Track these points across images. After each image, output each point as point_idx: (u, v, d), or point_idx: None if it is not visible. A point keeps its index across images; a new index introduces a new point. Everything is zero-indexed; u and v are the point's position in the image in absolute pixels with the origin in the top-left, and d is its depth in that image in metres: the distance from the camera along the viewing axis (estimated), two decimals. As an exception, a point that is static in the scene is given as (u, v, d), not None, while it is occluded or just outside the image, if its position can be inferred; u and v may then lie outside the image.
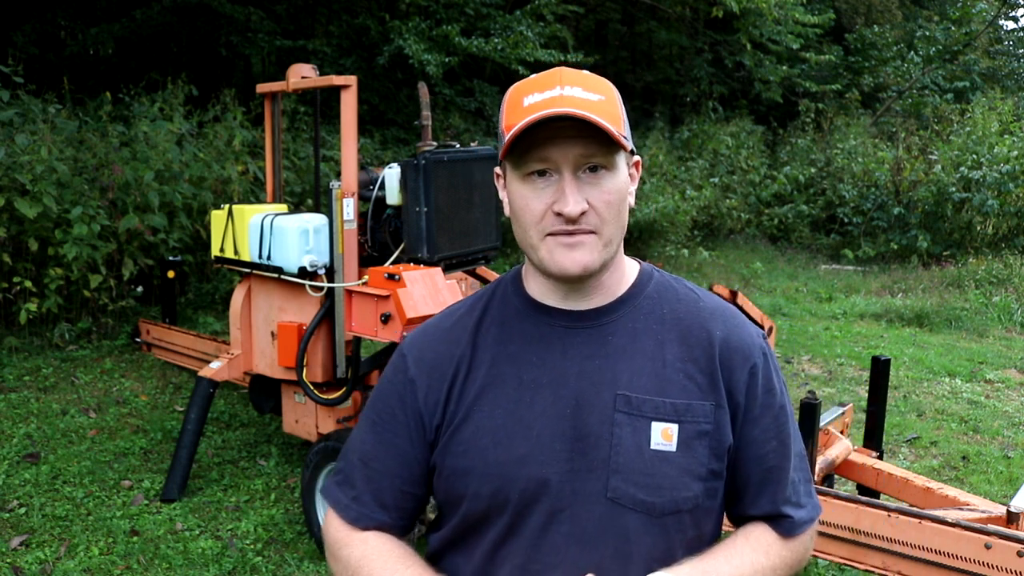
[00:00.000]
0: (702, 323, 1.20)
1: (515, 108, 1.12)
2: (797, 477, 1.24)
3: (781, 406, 1.22)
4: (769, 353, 1.23)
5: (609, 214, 1.12)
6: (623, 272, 1.22)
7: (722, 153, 12.99)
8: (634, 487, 1.12)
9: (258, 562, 3.59)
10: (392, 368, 1.26)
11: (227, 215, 4.02)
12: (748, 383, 1.18)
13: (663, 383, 1.15)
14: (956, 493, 3.06)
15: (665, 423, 1.13)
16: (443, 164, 3.67)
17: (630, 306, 1.20)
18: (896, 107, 15.30)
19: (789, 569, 1.22)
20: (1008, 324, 8.06)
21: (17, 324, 5.62)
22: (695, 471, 1.14)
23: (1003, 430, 5.28)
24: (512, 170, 1.14)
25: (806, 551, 1.26)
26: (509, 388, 1.17)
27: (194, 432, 4.10)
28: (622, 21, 16.04)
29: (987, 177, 10.58)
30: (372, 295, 3.46)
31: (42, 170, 5.52)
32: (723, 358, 1.17)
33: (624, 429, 1.13)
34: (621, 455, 1.12)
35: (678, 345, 1.18)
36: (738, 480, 1.21)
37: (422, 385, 1.20)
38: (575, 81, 1.12)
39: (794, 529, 1.23)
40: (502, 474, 1.13)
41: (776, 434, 1.21)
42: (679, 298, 1.23)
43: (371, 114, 10.32)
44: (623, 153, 1.13)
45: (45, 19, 9.85)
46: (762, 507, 1.22)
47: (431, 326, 1.27)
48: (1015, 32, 20.33)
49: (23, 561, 3.51)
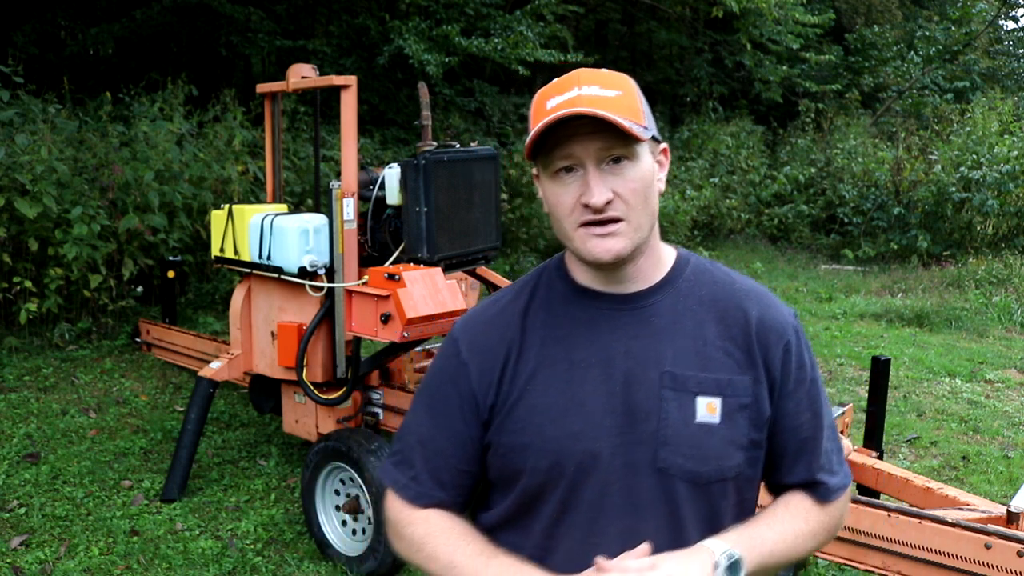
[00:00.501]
0: (738, 303, 1.27)
1: (540, 112, 1.19)
2: (830, 447, 1.32)
3: (813, 380, 1.30)
4: (800, 331, 1.31)
5: (635, 200, 1.18)
6: (660, 257, 1.30)
7: (722, 153, 12.99)
8: (682, 458, 1.19)
9: (258, 562, 3.59)
10: (444, 353, 1.33)
11: (227, 215, 4.02)
12: (783, 359, 1.26)
13: (705, 360, 1.23)
14: (956, 493, 3.06)
15: (709, 397, 1.21)
16: (443, 164, 3.66)
17: (671, 289, 1.27)
18: (896, 107, 15.30)
19: (827, 533, 1.31)
20: (1008, 324, 8.06)
21: (17, 324, 5.62)
22: (738, 441, 1.22)
23: (1003, 430, 5.28)
24: (542, 169, 1.23)
25: (841, 516, 1.34)
26: (560, 368, 1.24)
27: (194, 432, 4.10)
28: (622, 21, 16.04)
29: (987, 177, 10.58)
30: (372, 295, 3.46)
31: (42, 170, 5.52)
32: (759, 336, 1.25)
33: (671, 404, 1.20)
34: (669, 428, 1.20)
35: (716, 324, 1.25)
36: (775, 450, 1.29)
37: (475, 368, 1.27)
38: (592, 80, 1.19)
39: (829, 495, 1.30)
40: (558, 449, 1.20)
41: (809, 406, 1.29)
42: (715, 280, 1.30)
43: (371, 114, 10.31)
44: (645, 143, 1.20)
45: (45, 19, 9.85)
46: (798, 475, 1.30)
47: (480, 312, 1.35)
48: (1015, 32, 20.34)
49: (23, 561, 3.51)
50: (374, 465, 3.40)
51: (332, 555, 3.61)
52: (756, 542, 1.20)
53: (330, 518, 3.67)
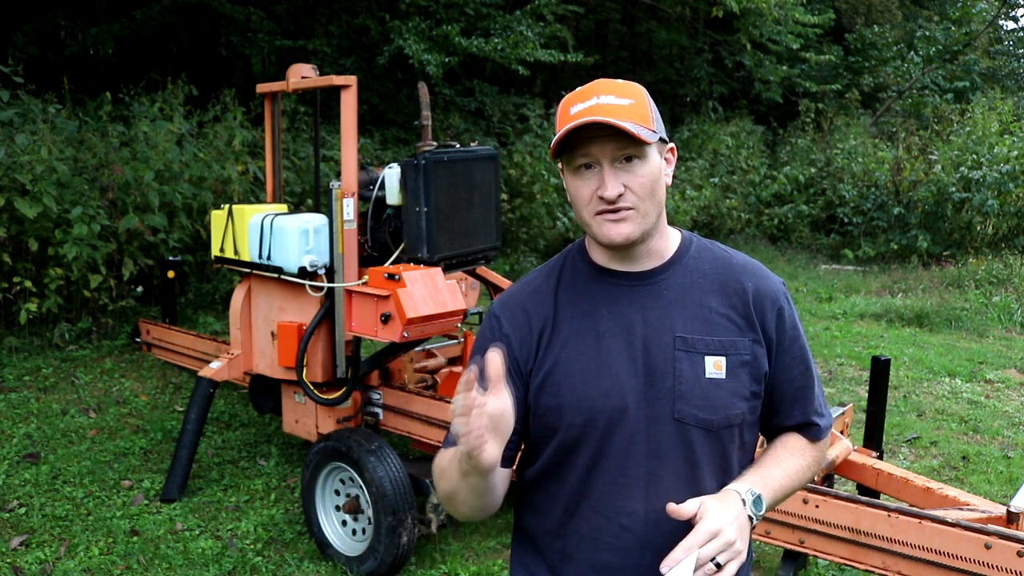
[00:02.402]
0: (736, 277, 1.49)
1: (564, 116, 1.41)
2: (818, 392, 1.56)
3: (803, 338, 1.53)
4: (789, 297, 1.53)
5: (643, 193, 1.39)
6: (668, 239, 1.50)
7: (722, 153, 12.99)
8: (695, 408, 1.41)
9: (258, 562, 3.59)
10: (487, 327, 1.52)
11: (227, 215, 4.02)
12: (777, 323, 1.48)
13: (710, 325, 1.44)
14: (956, 493, 3.06)
15: (715, 356, 1.42)
16: (443, 164, 3.66)
17: (679, 266, 1.49)
18: (896, 107, 15.30)
19: (818, 466, 1.57)
20: (1008, 324, 8.06)
21: (17, 324, 5.62)
22: (741, 393, 1.43)
23: (1003, 430, 5.28)
24: (566, 166, 1.43)
25: (827, 450, 1.65)
26: (589, 338, 1.44)
27: (194, 432, 4.10)
28: (622, 21, 16.04)
29: (987, 177, 10.57)
30: (372, 295, 3.46)
31: (42, 170, 5.52)
32: (756, 304, 1.47)
33: (683, 364, 1.41)
34: (683, 384, 1.41)
35: (718, 295, 1.47)
36: (774, 398, 1.51)
37: (515, 339, 1.47)
38: (609, 90, 1.40)
39: (821, 434, 1.55)
40: (592, 407, 1.41)
41: (801, 359, 1.51)
42: (716, 257, 1.52)
43: (371, 114, 10.31)
44: (654, 144, 1.40)
45: (45, 19, 9.85)
46: (795, 418, 1.53)
47: (515, 292, 1.55)
48: (1015, 32, 20.33)
49: (23, 561, 3.51)
50: (374, 465, 3.40)
51: (332, 555, 3.61)
52: (769, 480, 1.43)
53: (330, 518, 3.67)
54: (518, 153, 9.53)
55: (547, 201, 9.31)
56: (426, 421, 3.77)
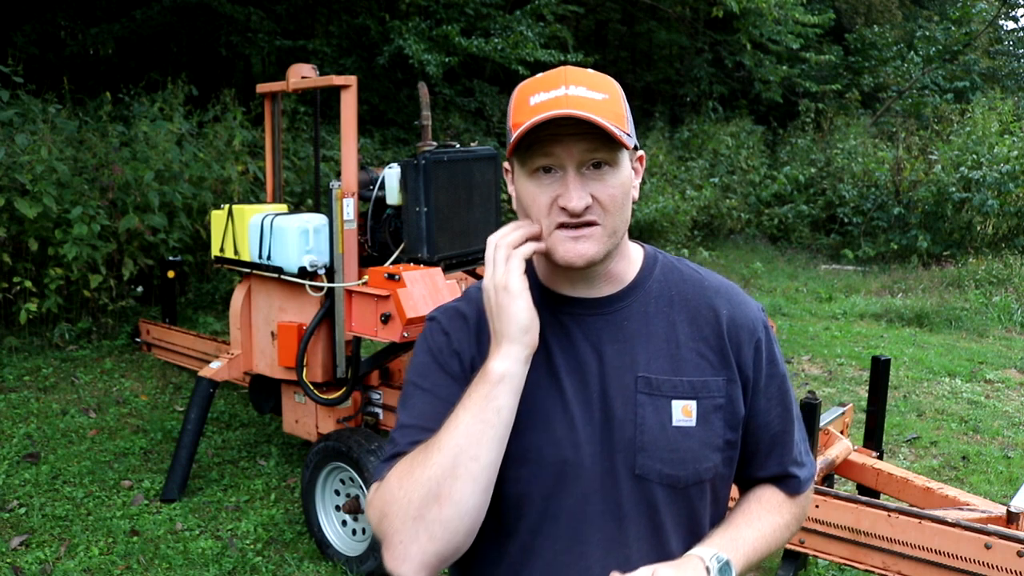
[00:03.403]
0: (708, 302, 1.27)
1: (522, 107, 1.17)
2: (799, 438, 1.35)
3: (783, 375, 1.31)
4: (769, 326, 1.31)
5: (613, 207, 1.17)
6: (629, 259, 1.28)
7: (722, 153, 13.00)
8: (660, 463, 1.19)
9: (258, 562, 3.59)
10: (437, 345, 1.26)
11: (227, 215, 4.02)
12: (754, 357, 1.26)
13: (678, 363, 1.22)
14: (956, 493, 3.06)
15: (684, 400, 1.21)
16: (443, 164, 3.66)
17: (641, 291, 1.26)
18: (896, 107, 15.30)
19: (797, 523, 1.34)
20: (1008, 324, 8.06)
21: (17, 324, 5.62)
22: (713, 443, 1.22)
23: (1003, 430, 5.28)
24: (519, 166, 1.19)
25: (808, 504, 1.38)
26: (542, 374, 1.21)
27: (194, 432, 4.10)
28: (622, 21, 16.04)
29: (987, 177, 10.58)
30: (372, 295, 3.46)
31: (42, 170, 5.52)
32: (731, 335, 1.25)
33: (647, 409, 1.20)
34: (646, 434, 1.19)
35: (688, 325, 1.25)
36: (748, 446, 1.29)
37: (466, 351, 1.25)
38: (580, 80, 1.16)
39: (800, 487, 1.34)
40: (539, 458, 1.18)
41: (780, 401, 1.30)
42: (684, 279, 1.29)
43: (371, 114, 10.32)
44: (626, 150, 1.18)
45: (45, 19, 9.85)
46: (771, 469, 1.32)
47: (460, 308, 1.29)
48: (1015, 32, 20.34)
49: (23, 561, 3.51)
50: (374, 465, 3.40)
51: (332, 555, 3.61)
52: (740, 543, 1.22)
53: (330, 518, 3.67)
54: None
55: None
56: (426, 421, 3.77)
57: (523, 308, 1.13)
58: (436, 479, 1.09)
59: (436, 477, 1.09)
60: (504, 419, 1.12)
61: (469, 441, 1.09)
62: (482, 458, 1.10)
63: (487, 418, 1.10)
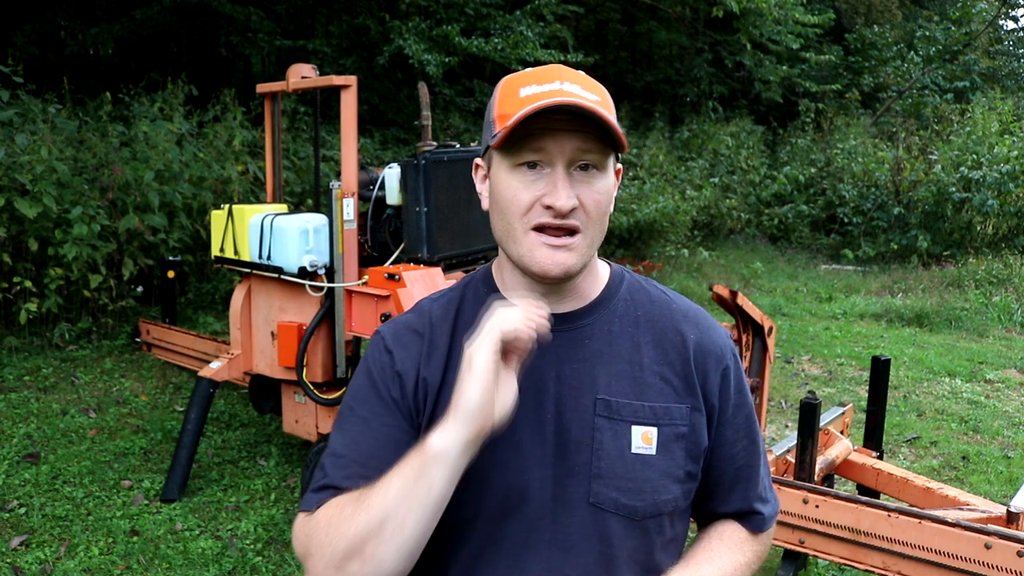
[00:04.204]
0: (675, 326, 1.20)
1: (510, 98, 1.09)
2: (763, 472, 1.28)
3: (750, 406, 1.25)
4: (737, 355, 1.25)
5: (596, 215, 1.11)
6: (596, 274, 1.21)
7: (722, 153, 13.00)
8: (616, 491, 1.12)
9: (258, 562, 3.59)
10: (377, 365, 1.18)
11: (227, 215, 4.02)
12: (721, 385, 1.19)
13: (641, 386, 1.15)
14: (956, 493, 3.06)
15: (645, 427, 1.13)
16: (443, 164, 3.67)
17: (605, 308, 1.19)
18: (896, 107, 15.30)
19: (759, 562, 1.27)
20: (1008, 324, 8.06)
21: (17, 324, 5.62)
22: (674, 474, 1.15)
23: (1003, 430, 5.28)
24: (502, 159, 1.11)
25: (770, 541, 1.32)
26: None
27: (194, 432, 4.10)
28: (622, 21, 16.04)
29: (987, 177, 10.58)
30: (372, 295, 3.46)
31: (42, 170, 5.52)
32: (697, 361, 1.18)
33: (605, 433, 1.12)
34: (603, 460, 1.12)
35: (653, 348, 1.18)
36: (711, 479, 1.23)
37: (410, 374, 1.15)
38: (574, 79, 1.11)
39: (764, 524, 1.27)
40: (482, 480, 1.10)
41: (747, 433, 1.23)
42: (652, 300, 1.23)
43: (371, 114, 10.32)
44: (612, 155, 1.13)
45: (45, 19, 9.85)
46: (734, 504, 1.25)
47: (409, 321, 1.22)
48: (1015, 32, 20.35)
49: (23, 561, 3.51)
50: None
51: (332, 555, 3.60)
52: None
53: (330, 518, 3.67)
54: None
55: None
56: (426, 421, 3.77)
57: (477, 390, 1.00)
58: (361, 536, 1.02)
59: (361, 535, 1.02)
60: (435, 498, 1.01)
61: (397, 509, 1.01)
62: (408, 528, 1.02)
63: (417, 492, 1.01)
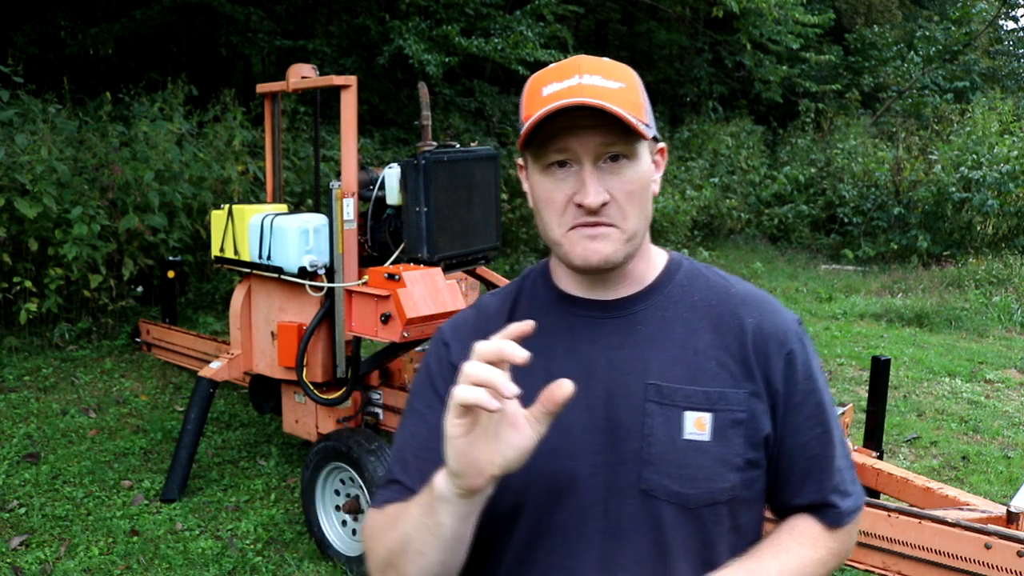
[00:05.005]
0: (733, 310, 1.17)
1: (534, 98, 1.10)
2: (842, 464, 1.22)
3: (820, 391, 1.19)
4: (806, 339, 1.20)
5: (631, 205, 1.10)
6: (650, 261, 1.21)
7: (722, 153, 13.00)
8: (667, 478, 1.09)
9: (258, 562, 3.59)
10: (435, 356, 1.22)
11: (227, 215, 4.02)
12: (785, 370, 1.15)
13: (695, 371, 1.13)
14: (956, 493, 3.06)
15: (698, 412, 1.11)
16: (443, 164, 3.67)
17: (659, 294, 1.18)
18: (896, 107, 15.30)
19: (837, 560, 1.20)
20: (1008, 324, 8.06)
21: (17, 324, 5.62)
22: (731, 461, 1.11)
23: (1003, 430, 5.28)
24: (532, 162, 1.13)
25: (851, 540, 1.24)
26: (539, 380, 1.09)
27: (194, 432, 4.10)
28: (622, 21, 16.04)
29: (987, 177, 10.58)
30: (372, 295, 3.46)
31: (42, 170, 5.52)
32: (757, 345, 1.15)
33: (656, 419, 1.10)
34: (653, 446, 1.10)
35: (710, 333, 1.15)
36: (782, 469, 1.18)
37: None
38: (594, 69, 1.10)
39: (841, 519, 1.20)
40: (531, 467, 1.05)
41: (819, 421, 1.18)
42: (709, 285, 1.20)
43: (371, 114, 10.32)
44: (645, 141, 1.11)
45: (45, 19, 9.85)
46: (807, 496, 1.19)
47: (467, 317, 1.24)
48: (1015, 32, 20.35)
49: (23, 561, 3.51)
50: (374, 465, 3.40)
51: (332, 555, 3.61)
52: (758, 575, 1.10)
53: (330, 518, 3.67)
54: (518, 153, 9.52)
55: (547, 201, 9.31)
56: (426, 421, 3.77)
57: (450, 455, 0.98)
58: (393, 553, 1.09)
59: (393, 552, 1.09)
60: (445, 535, 1.03)
61: (416, 535, 1.05)
62: (428, 556, 1.05)
63: (429, 526, 1.03)
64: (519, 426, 0.99)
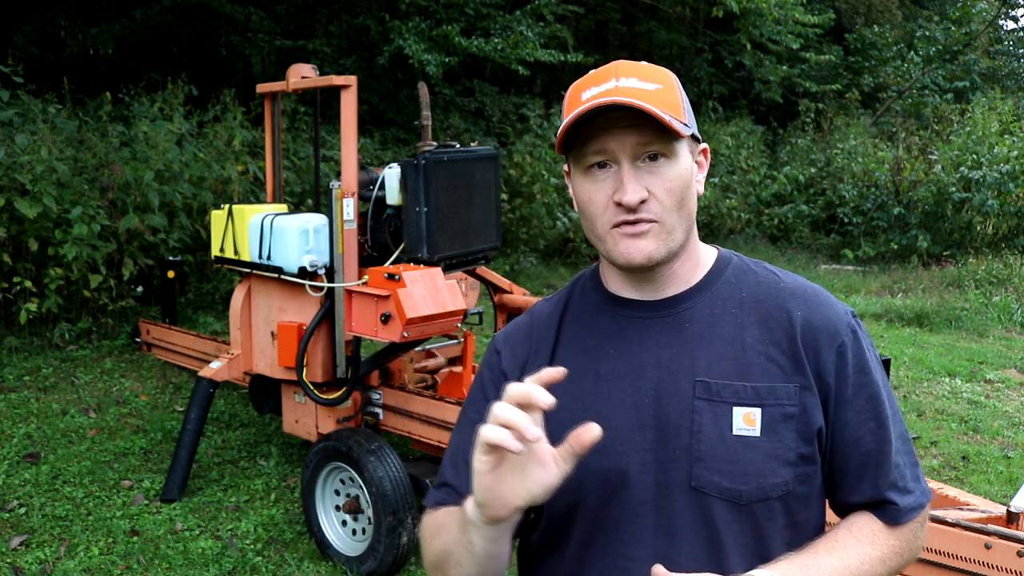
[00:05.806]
0: (781, 304, 1.18)
1: (574, 103, 1.13)
2: (901, 460, 1.19)
3: (876, 385, 1.18)
4: (860, 331, 1.19)
5: (670, 202, 1.12)
6: (698, 260, 1.22)
7: (722, 153, 13.00)
8: (718, 475, 1.10)
9: (258, 562, 3.59)
10: (487, 364, 1.27)
11: (227, 215, 4.02)
12: (837, 363, 1.15)
13: (744, 367, 1.13)
14: (956, 493, 3.06)
15: (747, 407, 1.11)
16: (443, 164, 3.67)
17: (707, 292, 1.19)
18: (896, 107, 15.30)
19: (900, 558, 1.18)
20: (1008, 324, 8.06)
21: (17, 324, 5.62)
22: (782, 456, 1.11)
23: (1003, 430, 5.28)
24: (574, 164, 1.16)
25: (917, 539, 1.21)
26: (588, 382, 1.16)
27: (194, 432, 4.10)
28: (622, 21, 16.04)
29: (987, 177, 10.58)
30: (372, 295, 3.46)
31: (42, 170, 5.52)
32: (806, 339, 1.15)
33: (705, 416, 1.11)
34: (703, 442, 1.11)
35: (758, 328, 1.16)
36: (836, 466, 1.17)
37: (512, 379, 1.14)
38: (631, 72, 1.12)
39: (900, 517, 1.17)
40: (582, 467, 1.05)
41: (873, 415, 1.16)
42: (758, 280, 1.21)
43: (371, 114, 10.32)
44: (684, 140, 1.14)
45: (45, 19, 9.85)
46: (864, 493, 1.18)
47: (520, 324, 1.29)
48: (1015, 32, 20.34)
49: (23, 561, 3.51)
50: (374, 465, 3.40)
51: (332, 555, 3.61)
52: (811, 571, 1.07)
53: (330, 518, 3.67)
54: (518, 153, 9.53)
55: (547, 201, 9.33)
56: (426, 421, 3.77)
57: (476, 486, 1.01)
58: (438, 558, 1.15)
59: (438, 556, 1.15)
60: (478, 552, 1.06)
61: (454, 549, 1.10)
62: (465, 567, 1.10)
63: (464, 543, 1.08)
64: (546, 464, 1.01)
